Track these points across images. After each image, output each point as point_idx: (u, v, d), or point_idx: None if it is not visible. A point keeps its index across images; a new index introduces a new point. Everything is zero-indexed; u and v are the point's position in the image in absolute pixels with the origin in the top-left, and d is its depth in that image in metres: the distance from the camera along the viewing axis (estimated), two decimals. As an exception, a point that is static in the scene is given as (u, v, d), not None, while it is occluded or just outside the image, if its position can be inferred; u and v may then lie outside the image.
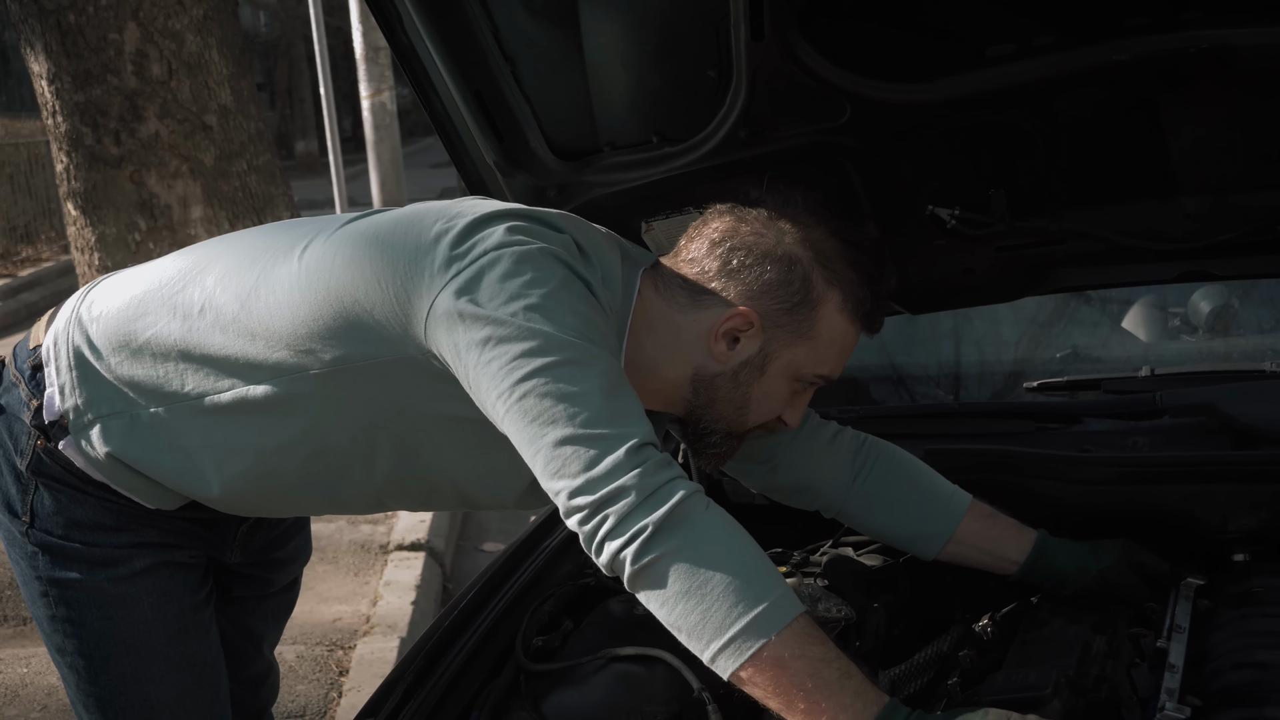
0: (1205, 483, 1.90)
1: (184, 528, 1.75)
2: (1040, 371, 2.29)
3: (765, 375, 1.63)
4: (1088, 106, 1.81)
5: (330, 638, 3.94)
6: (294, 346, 1.54)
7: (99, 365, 1.65)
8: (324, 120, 8.04)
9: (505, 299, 1.41)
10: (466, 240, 1.47)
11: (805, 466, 1.89)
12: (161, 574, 1.74)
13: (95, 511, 1.69)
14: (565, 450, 1.37)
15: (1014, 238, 2.01)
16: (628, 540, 1.34)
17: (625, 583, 1.38)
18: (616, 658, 1.70)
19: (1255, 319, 2.50)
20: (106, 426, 1.64)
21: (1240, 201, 1.90)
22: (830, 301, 1.61)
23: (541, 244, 1.47)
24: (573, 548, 2.11)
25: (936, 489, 1.86)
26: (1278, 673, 1.51)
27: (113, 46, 5.32)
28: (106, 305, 1.69)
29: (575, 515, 1.38)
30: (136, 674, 1.75)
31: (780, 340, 1.62)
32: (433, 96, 1.91)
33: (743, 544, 1.38)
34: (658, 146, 1.94)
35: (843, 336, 1.64)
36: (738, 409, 1.65)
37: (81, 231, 5.59)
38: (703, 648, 1.35)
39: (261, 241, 1.67)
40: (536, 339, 1.39)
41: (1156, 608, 1.76)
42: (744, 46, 1.74)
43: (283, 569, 2.02)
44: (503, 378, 1.39)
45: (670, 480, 1.36)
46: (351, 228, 1.60)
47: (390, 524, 4.88)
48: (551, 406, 1.37)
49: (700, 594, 1.33)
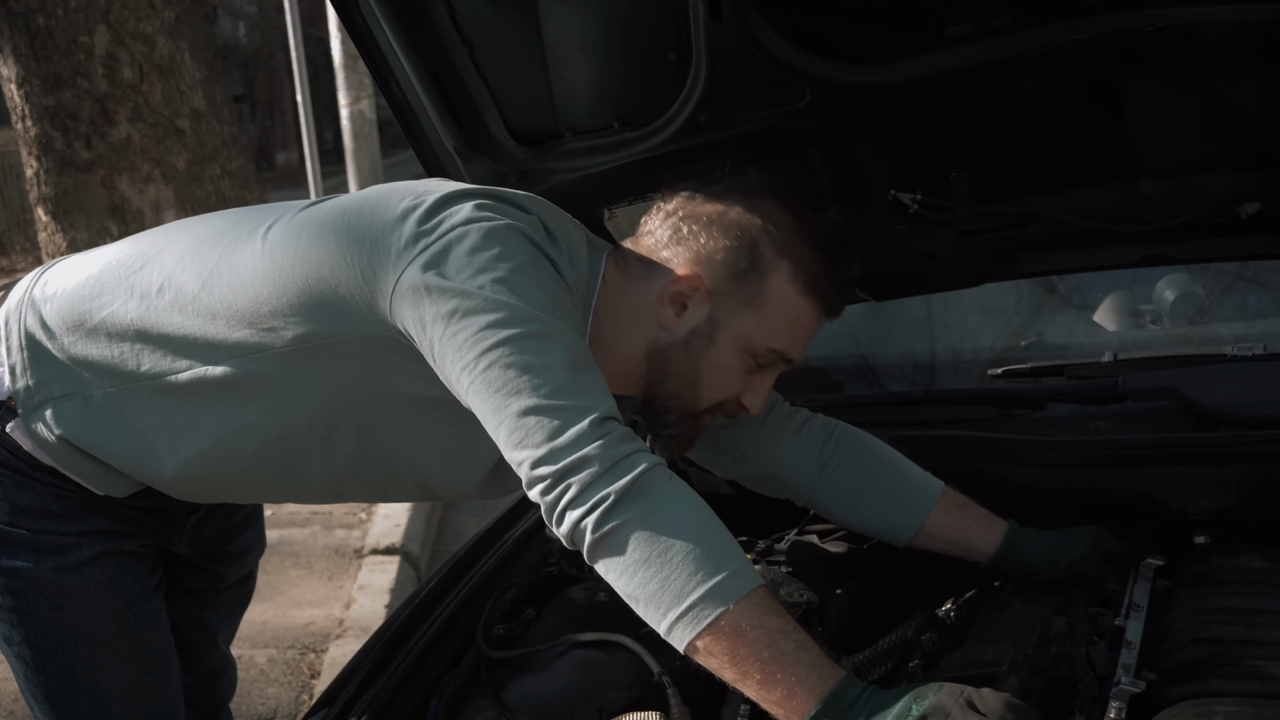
0: (1167, 465, 1.91)
1: (133, 516, 1.73)
2: (1005, 359, 2.28)
3: (715, 345, 1.62)
4: (1047, 87, 1.81)
5: (302, 641, 3.91)
6: (256, 325, 1.53)
7: (51, 345, 1.62)
8: (301, 128, 8.02)
9: (473, 272, 1.41)
10: (434, 216, 1.48)
11: (773, 456, 1.89)
12: (110, 563, 1.72)
13: (42, 498, 1.66)
14: (529, 420, 1.37)
15: (976, 222, 2.00)
16: (589, 509, 1.34)
17: (585, 553, 1.37)
18: (577, 643, 1.69)
19: (1218, 305, 2.50)
20: (58, 408, 1.62)
21: (1199, 183, 1.90)
22: (780, 271, 1.61)
23: (509, 220, 1.47)
24: (536, 538, 2.10)
25: (907, 478, 1.86)
26: (1233, 648, 1.51)
27: (83, 49, 5.31)
28: (61, 284, 1.67)
29: (538, 485, 1.38)
30: (85, 664, 1.73)
31: (728, 308, 1.61)
32: (391, 81, 1.90)
33: (704, 516, 1.38)
34: (619, 131, 1.93)
35: (795, 310, 1.63)
36: (690, 382, 1.64)
37: (52, 237, 5.56)
38: (660, 617, 1.34)
39: (223, 223, 1.66)
40: (503, 310, 1.39)
41: (1116, 588, 1.76)
42: (703, 28, 1.74)
43: (235, 563, 2.00)
44: (468, 349, 1.39)
45: (633, 452, 1.37)
46: (316, 208, 1.60)
47: (365, 528, 4.86)
48: (516, 377, 1.38)
49: (660, 562, 1.32)
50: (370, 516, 4.97)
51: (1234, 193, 1.89)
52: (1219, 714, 1.35)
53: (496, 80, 1.92)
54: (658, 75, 1.85)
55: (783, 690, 1.30)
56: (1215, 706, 1.37)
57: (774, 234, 1.61)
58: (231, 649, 2.14)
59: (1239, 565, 1.74)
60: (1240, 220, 1.90)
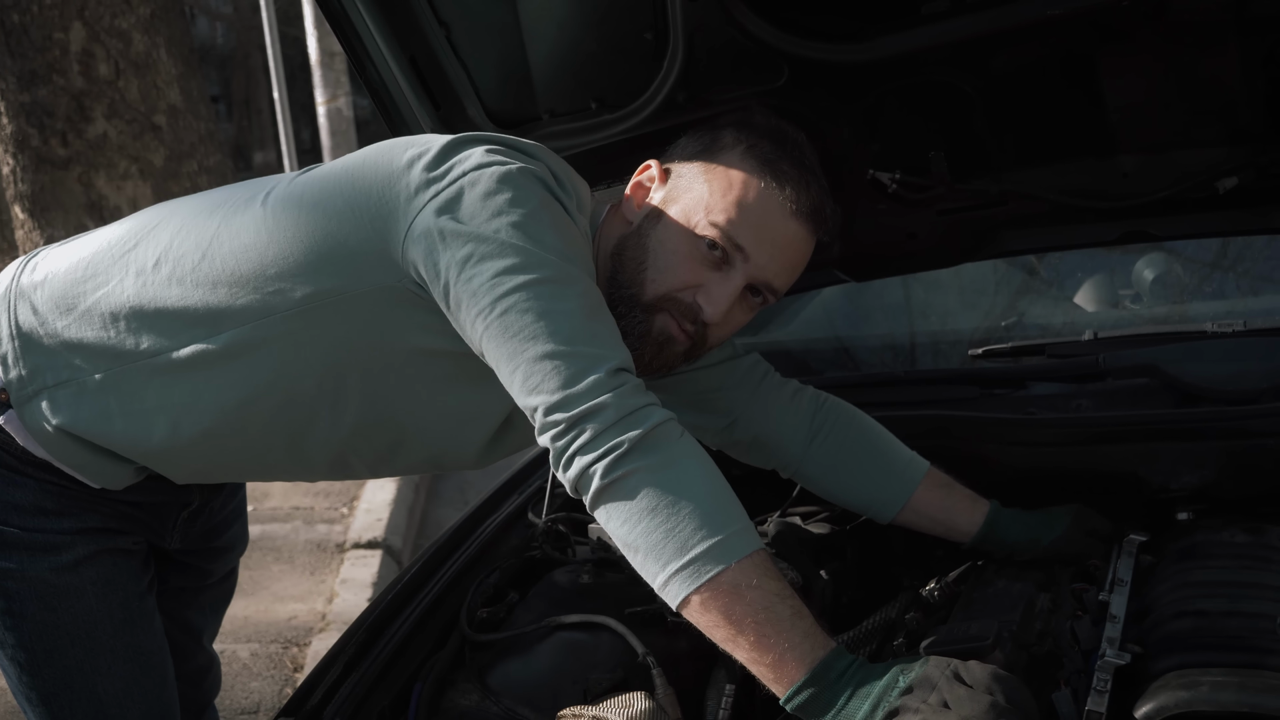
0: (1149, 441, 1.91)
1: (126, 511, 1.70)
2: (985, 339, 2.29)
3: (661, 223, 1.58)
4: (1024, 64, 1.82)
5: (285, 635, 3.89)
6: (262, 289, 1.51)
7: (43, 332, 1.59)
8: (278, 125, 7.99)
9: (488, 216, 1.40)
10: (444, 162, 1.46)
11: (763, 423, 1.88)
12: (105, 562, 1.69)
13: (35, 494, 1.63)
14: (545, 365, 1.36)
15: (955, 200, 2.01)
16: (600, 455, 1.33)
17: (589, 499, 1.36)
18: (561, 626, 1.69)
19: (1198, 284, 2.51)
20: (53, 397, 1.58)
21: (1177, 158, 1.90)
22: (734, 150, 1.59)
23: (521, 164, 1.46)
24: (519, 522, 2.10)
25: (894, 454, 1.86)
26: (1218, 620, 1.52)
27: (58, 46, 5.26)
28: (52, 269, 1.64)
29: (550, 430, 1.36)
30: (82, 666, 1.69)
31: (679, 187, 1.60)
32: (367, 64, 1.89)
33: (712, 474, 1.37)
34: (597, 113, 1.93)
35: (743, 186, 1.56)
36: (639, 265, 1.58)
37: (29, 235, 5.52)
38: (659, 568, 1.33)
39: (218, 196, 1.64)
40: (519, 255, 1.38)
41: (1100, 564, 1.77)
42: (680, 7, 1.74)
43: (220, 558, 1.97)
44: (484, 294, 1.38)
45: (647, 404, 1.36)
46: (316, 170, 1.59)
47: (347, 522, 4.84)
48: (533, 322, 1.37)
49: (667, 513, 1.31)
50: (352, 511, 4.95)
51: (1212, 168, 1.89)
52: (1205, 684, 1.35)
53: (474, 62, 1.91)
54: (635, 55, 1.84)
55: (774, 655, 1.30)
56: (1201, 677, 1.37)
57: (740, 124, 1.61)
58: (214, 645, 2.12)
59: (1222, 539, 1.75)
60: (1219, 195, 1.90)
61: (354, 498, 5.06)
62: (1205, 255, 2.48)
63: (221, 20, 24.17)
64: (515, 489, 2.20)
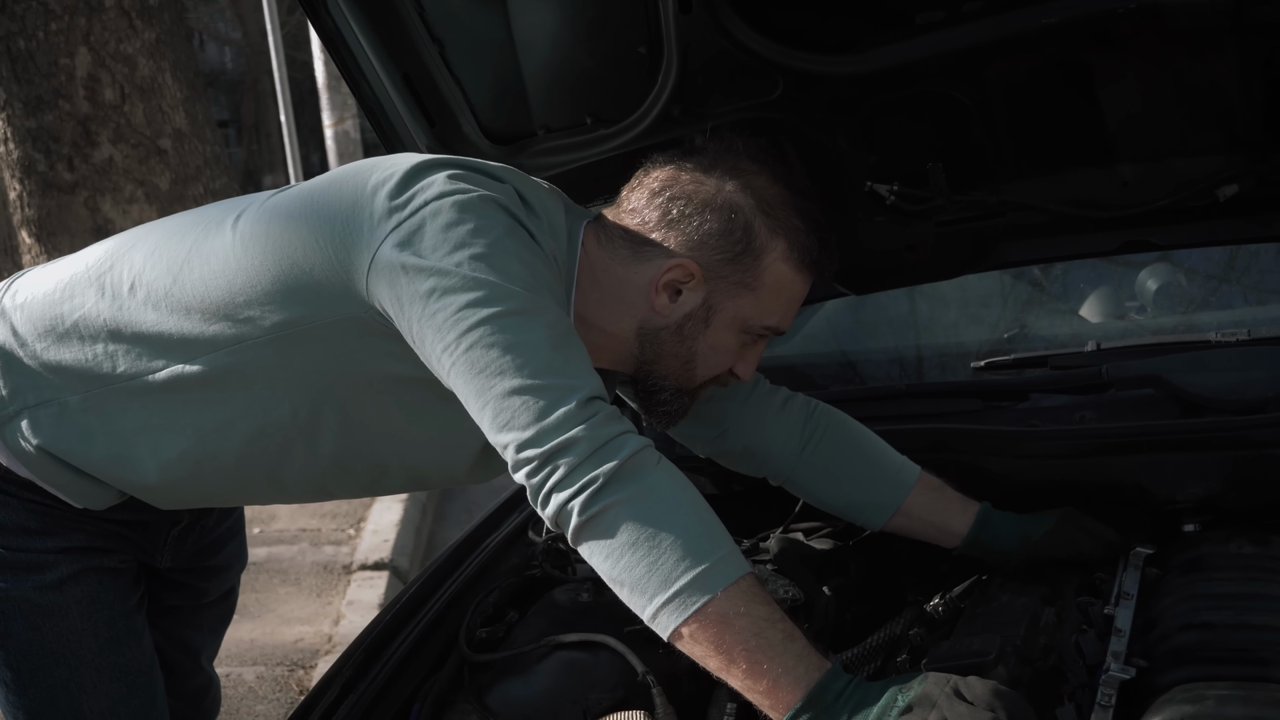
0: (1153, 452, 1.89)
1: (112, 530, 1.69)
2: (988, 351, 2.27)
3: (711, 328, 1.60)
4: (1021, 73, 1.81)
5: (291, 658, 3.88)
6: (232, 316, 1.50)
7: (23, 353, 1.59)
8: (285, 149, 8.01)
9: (449, 249, 1.37)
10: (406, 190, 1.43)
11: (754, 433, 1.87)
12: (90, 580, 1.68)
13: (18, 514, 1.63)
14: (514, 401, 1.34)
15: (954, 212, 1.99)
16: (576, 491, 1.31)
17: (570, 536, 1.35)
18: (560, 645, 1.67)
19: (1201, 294, 2.49)
20: (34, 417, 1.58)
21: (1176, 166, 1.89)
22: (774, 250, 1.58)
23: (483, 191, 1.43)
24: (519, 541, 2.09)
25: (885, 460, 1.85)
26: (1224, 633, 1.49)
27: (64, 71, 5.29)
28: (31, 292, 1.64)
29: (524, 468, 1.35)
30: (67, 685, 1.69)
31: (724, 291, 1.59)
32: (362, 82, 1.88)
33: (692, 500, 1.35)
34: (592, 128, 1.92)
35: (790, 286, 1.61)
36: (685, 364, 1.62)
37: (36, 260, 5.53)
38: (645, 602, 1.32)
39: (192, 218, 1.63)
40: (482, 289, 1.36)
41: (1105, 577, 1.74)
42: (673, 20, 1.73)
43: (217, 577, 1.96)
44: (448, 329, 1.36)
45: (621, 433, 1.34)
46: (286, 193, 1.57)
47: (354, 544, 4.83)
48: (499, 357, 1.34)
49: (648, 546, 1.30)
50: (359, 532, 4.94)
51: (1212, 176, 1.88)
52: (1211, 698, 1.33)
53: (468, 79, 1.90)
54: (629, 70, 1.83)
55: (768, 681, 1.28)
56: (1207, 691, 1.35)
57: (766, 212, 1.58)
58: (220, 667, 2.11)
59: (1228, 551, 1.72)
60: (1219, 203, 1.89)
61: (361, 519, 5.05)
62: (1209, 266, 2.46)
63: (231, 45, 24.31)
64: (515, 507, 2.19)
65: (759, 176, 1.60)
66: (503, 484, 1.86)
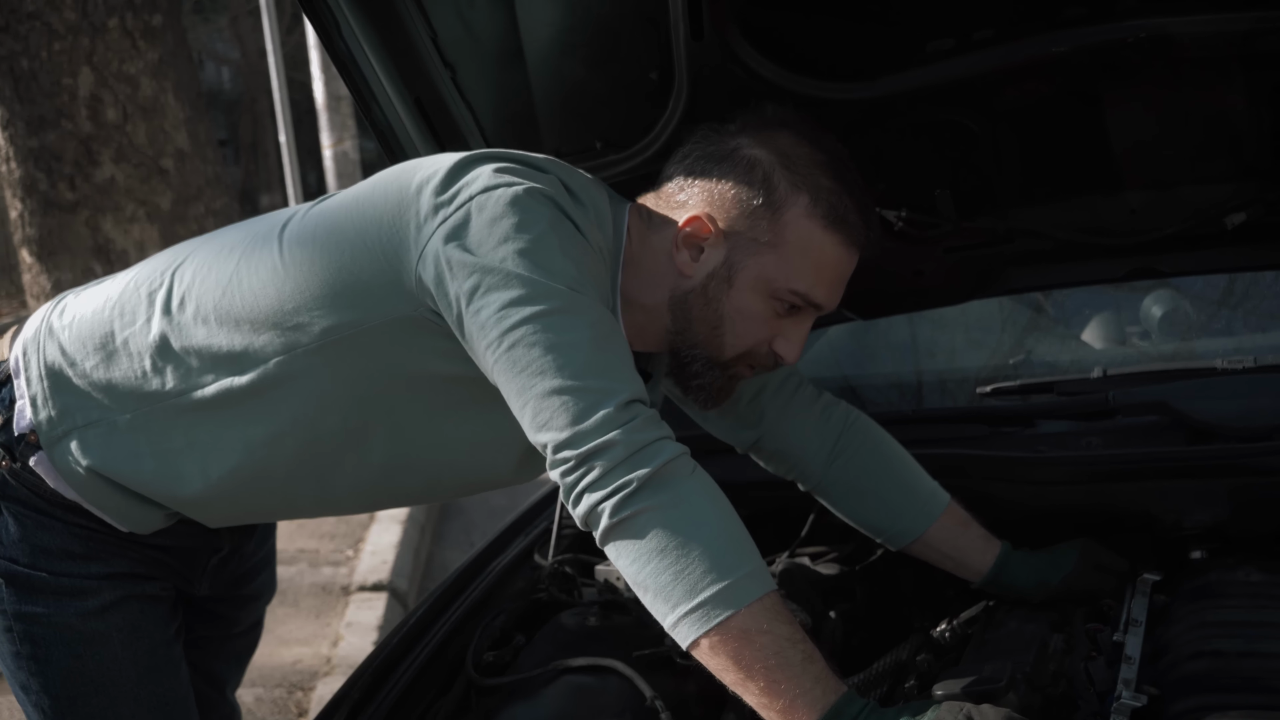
0: (1160, 479, 1.89)
1: (155, 557, 1.68)
2: (994, 377, 2.27)
3: (734, 289, 1.55)
4: (1030, 101, 1.82)
5: (290, 679, 3.86)
6: (281, 325, 1.49)
7: (73, 373, 1.58)
8: (284, 169, 8.03)
9: (495, 244, 1.37)
10: (452, 185, 1.43)
11: (789, 438, 1.85)
12: (133, 608, 1.67)
13: (63, 538, 1.61)
14: (554, 401, 1.33)
15: (961, 238, 2.00)
16: (610, 493, 1.31)
17: (598, 536, 1.34)
18: (568, 669, 1.67)
19: (1206, 320, 2.50)
20: (83, 437, 1.57)
21: (1184, 194, 1.90)
22: (797, 205, 1.53)
23: (529, 184, 1.42)
24: (525, 564, 2.08)
25: (915, 485, 1.83)
26: (1234, 661, 1.49)
27: (67, 91, 5.31)
28: (80, 310, 1.63)
29: (560, 466, 1.34)
30: (105, 714, 1.67)
31: (745, 249, 1.54)
32: (373, 105, 1.89)
33: (724, 511, 1.35)
34: (602, 152, 1.92)
35: (818, 248, 1.54)
36: (713, 329, 1.57)
37: (37, 278, 5.54)
38: (668, 609, 1.31)
39: (238, 232, 1.63)
40: (526, 286, 1.35)
41: (1113, 604, 1.74)
42: (684, 47, 1.73)
43: (248, 606, 1.95)
44: (491, 326, 1.36)
45: (659, 439, 1.34)
46: (330, 200, 1.57)
47: (352, 565, 4.82)
48: (540, 356, 1.34)
49: (677, 554, 1.29)
50: (357, 553, 4.93)
51: (1220, 204, 1.89)
52: (1222, 727, 1.33)
53: (479, 102, 1.91)
54: (640, 95, 1.84)
55: (785, 701, 1.27)
56: (1220, 719, 1.35)
57: (788, 166, 1.54)
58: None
59: (1237, 579, 1.72)
60: (1227, 231, 1.89)
61: (359, 540, 5.04)
62: (1214, 292, 2.47)
63: (229, 65, 24.36)
64: (521, 530, 2.19)
65: (784, 135, 1.57)
66: (504, 507, 1.86)
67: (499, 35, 1.82)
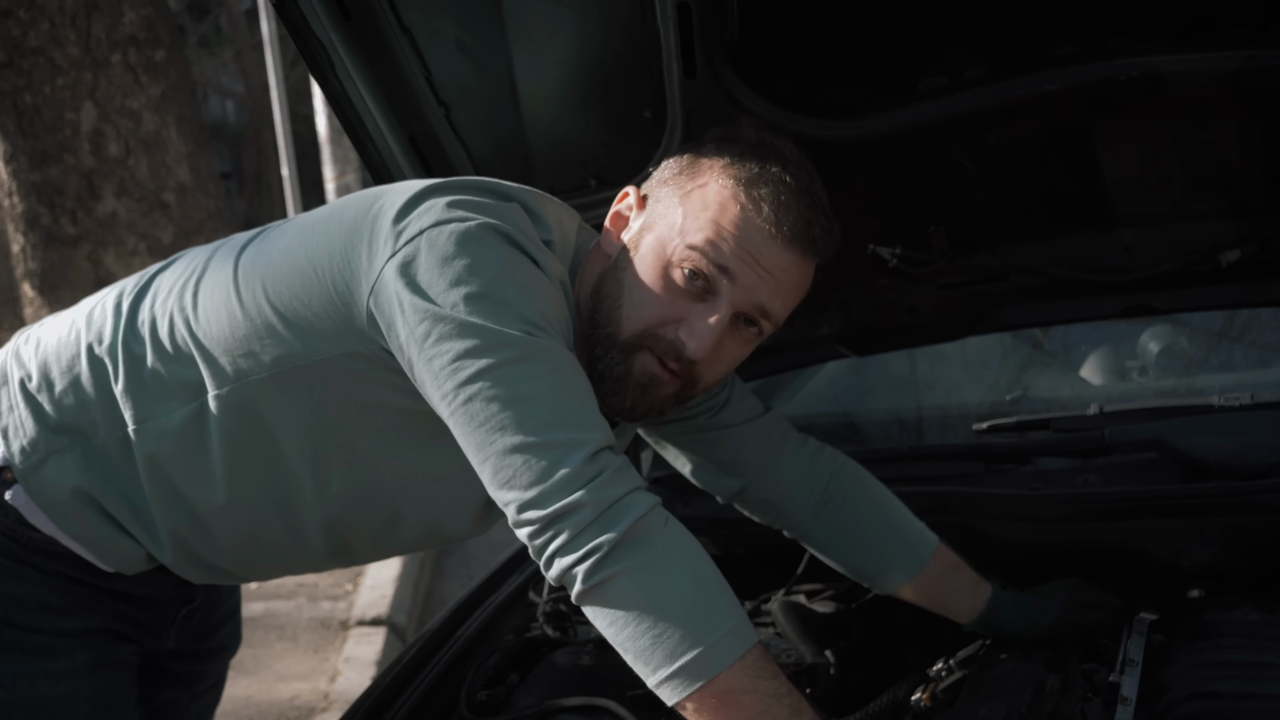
0: (1157, 517, 1.88)
1: (128, 613, 1.63)
2: (989, 414, 2.26)
3: (638, 253, 1.47)
4: (1022, 138, 1.82)
5: (287, 715, 3.84)
6: (233, 352, 1.46)
7: (43, 399, 1.55)
8: (286, 201, 8.06)
9: (445, 286, 1.31)
10: (404, 218, 1.37)
11: (775, 488, 1.82)
12: (105, 676, 1.61)
13: (38, 588, 1.55)
14: (515, 459, 1.29)
15: (956, 275, 2.00)
16: (581, 557, 1.27)
17: (573, 598, 1.31)
18: (561, 709, 1.66)
19: (1204, 356, 2.49)
20: (60, 462, 1.53)
21: (1179, 232, 1.90)
22: (713, 168, 1.47)
23: (483, 219, 1.36)
24: (520, 602, 2.07)
25: (903, 530, 1.81)
26: (1233, 702, 1.48)
27: (70, 126, 5.33)
28: (45, 338, 1.61)
29: (526, 528, 1.30)
30: None
31: (655, 214, 1.50)
32: (368, 144, 1.89)
33: (700, 566, 1.32)
34: (596, 190, 1.93)
35: (719, 205, 1.44)
36: (614, 301, 1.47)
37: (39, 312, 5.54)
38: (650, 673, 1.29)
39: (198, 255, 1.60)
40: (479, 336, 1.30)
41: (1110, 644, 1.73)
42: (678, 85, 1.74)
43: (213, 660, 1.90)
44: (445, 379, 1.31)
45: (627, 493, 1.29)
46: (285, 225, 1.54)
47: (351, 599, 4.80)
48: (499, 412, 1.29)
49: (654, 619, 1.26)
50: (356, 588, 4.91)
51: (1214, 241, 1.89)
52: (1219, 769, 1.32)
53: (473, 141, 1.92)
54: (634, 133, 1.85)
55: None
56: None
57: (723, 139, 1.51)
58: (216, 724, 2.06)
59: (1235, 619, 1.71)
60: (1222, 268, 1.89)
61: (358, 574, 5.02)
62: (1211, 327, 2.46)
63: (233, 98, 24.47)
64: (516, 568, 2.18)
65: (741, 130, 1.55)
66: (503, 541, 1.84)
67: (494, 74, 1.83)
